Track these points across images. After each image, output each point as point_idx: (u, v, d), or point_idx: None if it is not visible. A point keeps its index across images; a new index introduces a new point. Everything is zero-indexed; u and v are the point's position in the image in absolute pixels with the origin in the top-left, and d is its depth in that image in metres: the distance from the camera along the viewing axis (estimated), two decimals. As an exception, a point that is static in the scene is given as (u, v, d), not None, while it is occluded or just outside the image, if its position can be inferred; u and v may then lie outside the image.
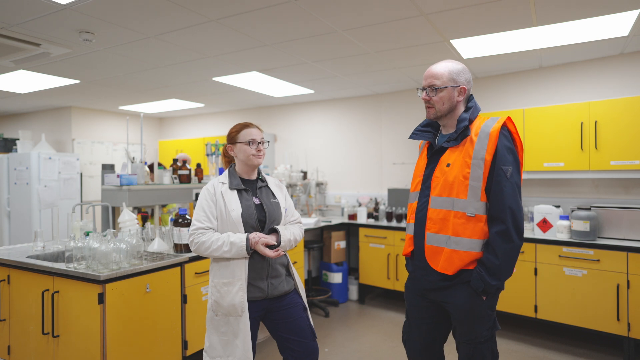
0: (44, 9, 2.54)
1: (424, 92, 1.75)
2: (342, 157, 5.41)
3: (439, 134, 1.82)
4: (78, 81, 4.43)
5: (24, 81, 4.44)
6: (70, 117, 5.96)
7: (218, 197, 1.95)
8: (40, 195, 5.04)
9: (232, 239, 1.86)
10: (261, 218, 1.97)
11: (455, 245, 1.64)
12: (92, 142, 6.14)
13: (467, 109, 1.74)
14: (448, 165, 1.69)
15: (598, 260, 3.13)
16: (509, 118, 1.70)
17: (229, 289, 1.89)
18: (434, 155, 1.78)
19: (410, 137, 1.90)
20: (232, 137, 2.02)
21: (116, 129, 6.50)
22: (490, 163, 1.62)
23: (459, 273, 1.67)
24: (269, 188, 2.10)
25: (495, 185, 1.61)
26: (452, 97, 1.71)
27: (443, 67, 1.72)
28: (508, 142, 1.66)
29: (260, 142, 2.01)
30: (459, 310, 1.70)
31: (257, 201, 2.01)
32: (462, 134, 1.69)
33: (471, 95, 1.77)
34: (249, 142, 1.98)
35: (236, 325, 1.88)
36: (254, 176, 2.08)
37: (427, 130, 1.85)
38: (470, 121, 1.71)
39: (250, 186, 2.03)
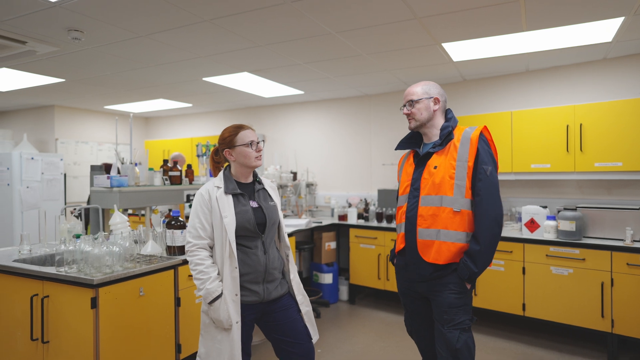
0: (33, 6, 2.47)
1: (405, 107, 2.03)
2: (331, 158, 5.42)
3: (422, 144, 2.07)
4: (63, 80, 4.33)
5: (5, 79, 4.30)
6: (53, 116, 5.81)
7: (213, 203, 1.91)
8: (22, 196, 4.90)
9: (208, 285, 1.84)
10: (260, 222, 1.95)
11: (444, 237, 1.86)
12: (76, 142, 6.00)
13: (447, 120, 2.00)
14: (435, 167, 1.91)
15: (583, 259, 3.22)
16: (485, 127, 1.96)
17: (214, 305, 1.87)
18: (420, 161, 2.00)
19: (397, 148, 2.15)
20: (229, 141, 1.97)
21: (101, 128, 6.37)
22: (473, 164, 1.86)
23: (448, 265, 1.87)
24: (266, 190, 2.09)
25: (477, 182, 1.84)
26: (428, 106, 1.98)
27: (417, 85, 2.03)
28: (486, 145, 1.91)
29: (258, 143, 2.00)
30: (446, 297, 1.88)
31: (255, 205, 1.98)
32: (446, 138, 1.93)
33: (449, 109, 2.05)
34: (249, 143, 1.96)
35: (227, 336, 1.86)
36: (251, 179, 2.05)
37: (411, 142, 2.11)
38: (452, 128, 1.95)
39: (246, 189, 2.01)
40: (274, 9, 2.57)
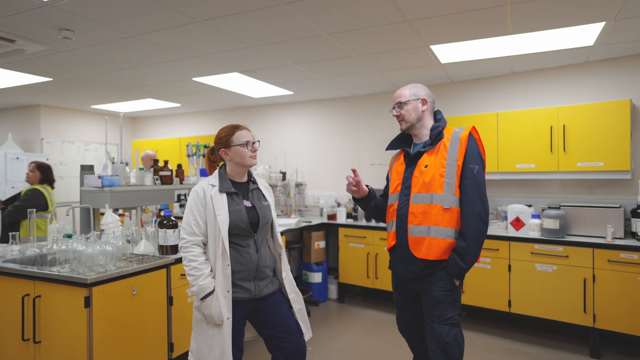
0: (23, 5, 2.46)
1: (394, 110, 2.08)
2: (320, 158, 5.47)
3: (413, 144, 2.12)
4: (50, 79, 4.28)
5: (-10, 78, 4.24)
6: (39, 115, 5.72)
7: (207, 201, 1.94)
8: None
9: (201, 281, 1.87)
10: (253, 221, 1.99)
11: (435, 234, 1.91)
12: (63, 141, 5.92)
13: (437, 120, 2.06)
14: (426, 166, 1.96)
15: (567, 256, 3.32)
16: (473, 127, 2.02)
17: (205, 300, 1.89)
18: (411, 160, 2.05)
19: (387, 149, 2.19)
20: (225, 141, 2.00)
21: (87, 128, 6.29)
22: (462, 163, 1.91)
23: (437, 262, 1.92)
24: (260, 190, 2.12)
25: (464, 180, 1.90)
26: (416, 108, 2.03)
27: (405, 88, 2.08)
28: (475, 145, 1.96)
29: (254, 143, 2.03)
30: (436, 294, 1.92)
31: (248, 204, 2.01)
32: (436, 138, 1.98)
33: (438, 110, 2.11)
34: (245, 143, 1.99)
35: (218, 331, 1.89)
36: (245, 178, 2.09)
37: (401, 142, 2.16)
38: (442, 128, 2.01)
39: (241, 189, 2.04)
40: (267, 11, 2.60)
